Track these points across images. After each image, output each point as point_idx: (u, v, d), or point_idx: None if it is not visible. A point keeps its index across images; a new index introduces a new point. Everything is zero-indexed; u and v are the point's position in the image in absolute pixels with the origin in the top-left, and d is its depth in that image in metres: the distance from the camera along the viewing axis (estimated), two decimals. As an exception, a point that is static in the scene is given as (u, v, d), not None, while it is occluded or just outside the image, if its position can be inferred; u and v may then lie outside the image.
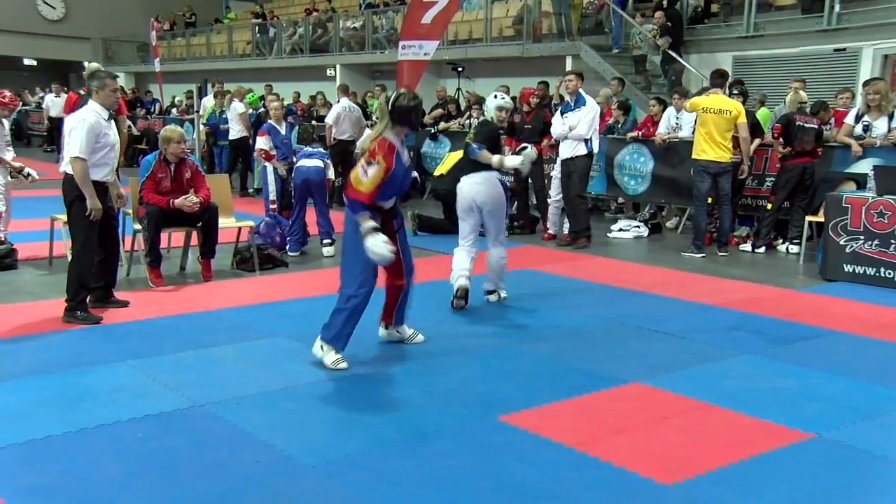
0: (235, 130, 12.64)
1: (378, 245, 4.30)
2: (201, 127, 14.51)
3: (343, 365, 4.53)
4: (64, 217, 6.98)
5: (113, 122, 5.67)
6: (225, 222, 7.04)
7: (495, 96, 6.34)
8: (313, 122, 13.51)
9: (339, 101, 12.04)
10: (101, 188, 5.49)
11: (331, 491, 3.13)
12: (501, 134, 6.35)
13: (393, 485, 3.17)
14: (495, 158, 5.49)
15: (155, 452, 3.42)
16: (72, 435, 3.58)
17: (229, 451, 3.44)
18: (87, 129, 5.33)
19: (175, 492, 3.09)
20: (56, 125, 18.86)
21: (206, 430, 3.67)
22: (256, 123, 11.67)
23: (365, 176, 4.41)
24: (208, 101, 13.86)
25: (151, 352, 4.78)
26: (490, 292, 6.18)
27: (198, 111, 14.41)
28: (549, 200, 9.10)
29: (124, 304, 5.85)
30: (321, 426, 3.75)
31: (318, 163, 7.93)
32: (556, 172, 8.86)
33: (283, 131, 8.66)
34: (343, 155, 11.42)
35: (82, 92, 8.82)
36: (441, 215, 9.57)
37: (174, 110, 18.24)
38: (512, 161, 5.64)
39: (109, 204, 5.66)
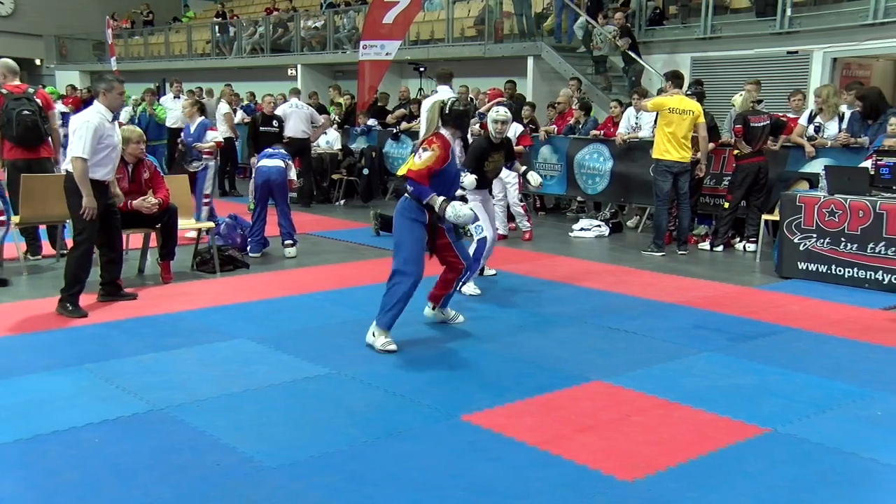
0: (220, 131, 12.46)
1: (457, 209, 4.72)
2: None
3: (392, 348, 4.79)
4: (15, 219, 6.88)
5: (117, 123, 5.88)
6: (185, 223, 6.94)
7: (497, 111, 6.18)
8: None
9: (287, 101, 12.10)
10: (102, 187, 5.71)
11: (295, 493, 3.11)
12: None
13: (360, 485, 3.15)
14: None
15: (113, 457, 3.36)
16: (24, 442, 3.50)
17: (191, 455, 3.40)
18: (91, 129, 5.50)
19: (135, 497, 3.04)
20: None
21: (166, 434, 3.62)
22: (148, 126, 11.44)
23: (419, 158, 4.78)
24: (167, 102, 13.64)
25: (110, 355, 4.70)
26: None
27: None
28: (493, 202, 9.11)
29: (132, 296, 6.07)
30: (285, 428, 3.72)
31: (279, 163, 7.86)
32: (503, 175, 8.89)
33: (192, 129, 8.90)
34: (298, 153, 11.44)
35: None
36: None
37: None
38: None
39: (111, 201, 5.88)
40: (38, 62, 27.36)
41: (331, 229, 9.45)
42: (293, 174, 8.20)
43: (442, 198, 4.78)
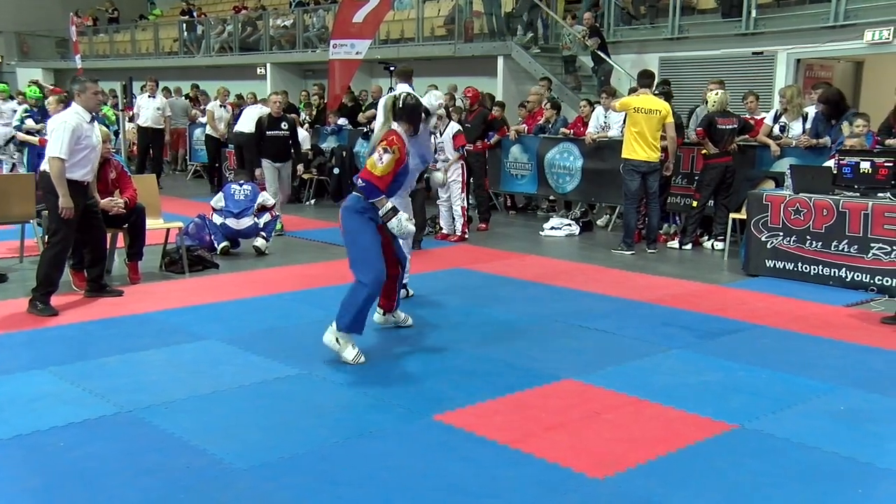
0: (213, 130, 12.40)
1: (403, 223, 4.65)
2: (128, 126, 14.13)
3: (362, 359, 4.63)
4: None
5: (95, 123, 5.87)
6: (153, 223, 6.86)
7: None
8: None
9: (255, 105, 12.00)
10: (81, 187, 5.70)
11: (266, 494, 3.08)
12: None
13: (332, 485, 3.14)
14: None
15: (79, 461, 3.31)
16: (-12, 446, 3.43)
17: (159, 458, 3.36)
18: (69, 130, 5.50)
19: (102, 501, 2.99)
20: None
21: (133, 437, 3.57)
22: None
23: (381, 162, 4.59)
24: (142, 101, 13.41)
25: (75, 357, 4.62)
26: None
27: (122, 110, 14.01)
28: (438, 202, 9.16)
29: (119, 293, 6.12)
30: (255, 429, 3.69)
31: (247, 222, 7.88)
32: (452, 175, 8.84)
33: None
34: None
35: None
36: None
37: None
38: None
39: (91, 201, 5.90)
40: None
41: (301, 229, 9.40)
42: (271, 202, 8.21)
43: (391, 205, 4.64)
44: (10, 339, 5.01)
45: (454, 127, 8.92)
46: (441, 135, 8.68)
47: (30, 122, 10.07)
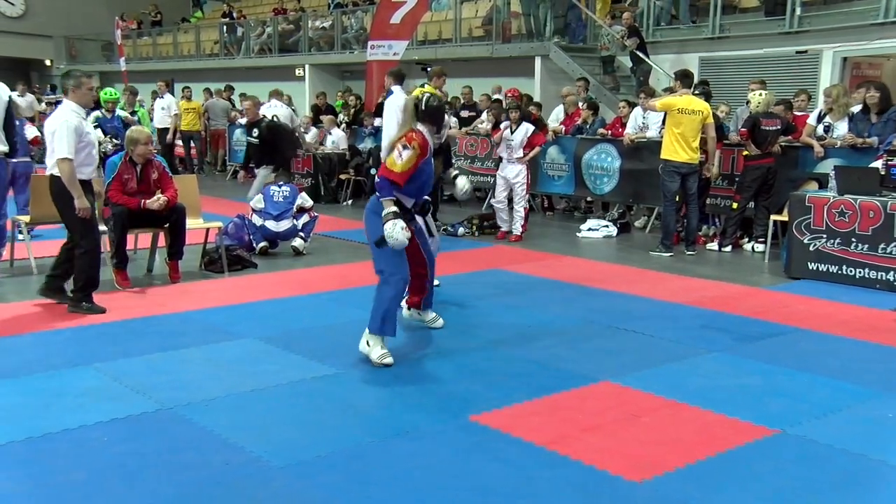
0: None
1: (396, 230, 4.40)
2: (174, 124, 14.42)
3: (389, 360, 4.56)
4: (25, 219, 6.92)
5: (90, 120, 5.81)
6: (192, 223, 6.96)
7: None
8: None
9: (267, 103, 11.94)
10: (86, 186, 5.59)
11: (301, 492, 3.11)
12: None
13: (365, 485, 3.16)
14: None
15: (121, 456, 3.38)
16: (35, 440, 3.52)
17: (197, 454, 3.41)
18: (71, 129, 5.39)
19: (141, 495, 3.05)
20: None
21: (173, 433, 3.63)
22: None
23: (400, 158, 4.52)
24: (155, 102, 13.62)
25: (118, 354, 4.72)
26: None
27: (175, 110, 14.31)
28: (492, 202, 9.20)
29: (101, 310, 5.78)
30: (291, 428, 3.73)
31: (287, 224, 7.97)
32: (504, 173, 9.06)
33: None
34: None
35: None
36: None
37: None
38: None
39: (93, 200, 5.74)
40: (48, 63, 27.51)
41: (338, 229, 9.47)
42: (309, 203, 8.26)
43: (393, 209, 4.47)
44: (57, 335, 5.13)
45: (528, 127, 8.99)
46: (512, 133, 8.86)
47: (98, 133, 9.56)
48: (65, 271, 5.77)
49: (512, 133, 8.92)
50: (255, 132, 8.60)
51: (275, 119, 10.28)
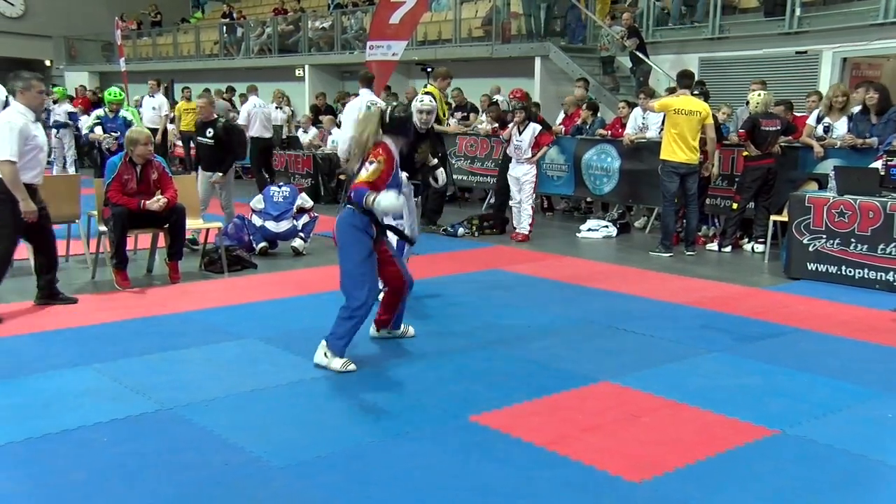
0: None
1: (389, 198, 4.28)
2: (170, 127, 14.41)
3: (352, 367, 4.50)
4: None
5: (40, 123, 5.63)
6: (192, 223, 6.97)
7: (421, 100, 6.39)
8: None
9: (248, 100, 11.87)
10: (30, 190, 5.45)
11: (301, 492, 3.11)
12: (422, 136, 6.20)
13: (365, 485, 3.16)
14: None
15: (121, 456, 3.38)
16: (34, 441, 3.52)
17: (197, 454, 3.41)
18: (15, 130, 5.28)
19: (141, 496, 3.05)
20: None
21: (173, 434, 3.63)
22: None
23: (365, 172, 4.43)
24: (144, 101, 13.59)
25: (118, 355, 4.72)
26: None
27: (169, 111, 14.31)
28: (511, 203, 9.24)
29: (73, 300, 5.89)
30: (291, 428, 3.73)
31: (286, 225, 7.98)
32: (514, 173, 9.09)
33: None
34: (263, 154, 11.40)
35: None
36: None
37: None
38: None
39: (42, 205, 5.64)
40: (47, 63, 27.49)
41: (338, 230, 9.46)
42: (309, 203, 8.26)
43: (374, 196, 4.33)
44: (58, 335, 5.13)
45: (535, 127, 9.05)
46: (520, 133, 8.92)
47: (98, 131, 9.78)
48: (44, 269, 5.79)
49: (520, 134, 8.98)
50: (210, 132, 7.91)
51: (231, 118, 9.84)
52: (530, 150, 8.98)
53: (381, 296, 5.07)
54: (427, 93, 8.38)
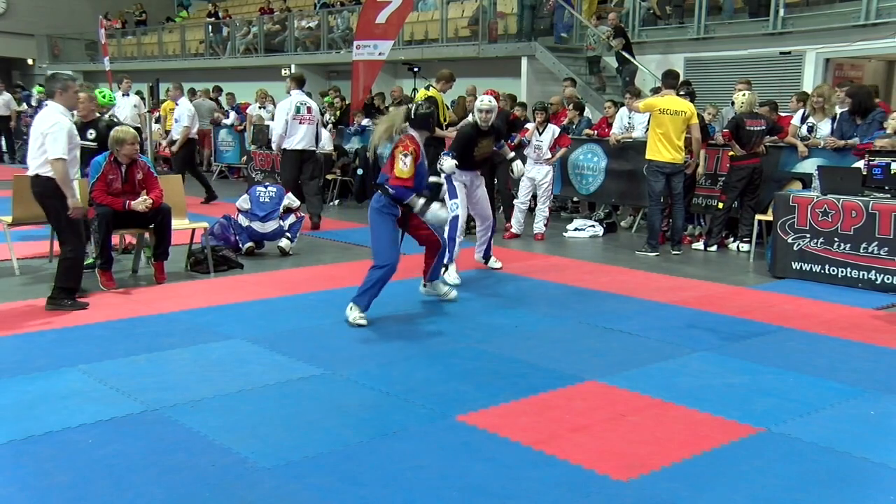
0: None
1: (436, 211, 5.45)
2: (155, 127, 14.28)
3: (362, 322, 5.30)
4: (7, 219, 6.85)
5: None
6: (178, 223, 6.93)
7: (482, 101, 6.76)
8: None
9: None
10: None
11: (290, 493, 3.10)
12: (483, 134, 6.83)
13: (353, 486, 3.15)
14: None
15: (107, 458, 3.35)
16: (17, 443, 3.49)
17: (184, 456, 3.39)
18: (66, 130, 5.50)
19: (127, 498, 3.03)
20: (3, 124, 18.34)
21: (160, 435, 3.61)
22: None
23: (405, 165, 5.29)
24: (118, 99, 13.38)
25: (103, 356, 4.68)
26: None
27: (150, 111, 14.13)
28: (515, 202, 9.25)
29: (84, 305, 5.80)
30: (279, 429, 3.72)
31: (273, 225, 7.95)
32: (531, 174, 9.12)
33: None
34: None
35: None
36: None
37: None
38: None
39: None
40: (30, 62, 27.28)
41: (325, 230, 9.44)
42: (296, 203, 8.25)
43: (422, 200, 5.41)
44: (41, 336, 5.09)
45: (555, 129, 9.20)
46: (540, 134, 9.07)
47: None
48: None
49: (540, 135, 9.09)
50: (92, 133, 7.18)
51: (114, 119, 8.93)
52: (549, 150, 9.08)
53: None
54: (429, 96, 8.57)
